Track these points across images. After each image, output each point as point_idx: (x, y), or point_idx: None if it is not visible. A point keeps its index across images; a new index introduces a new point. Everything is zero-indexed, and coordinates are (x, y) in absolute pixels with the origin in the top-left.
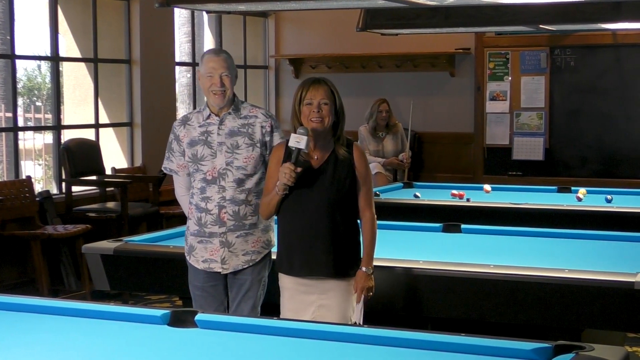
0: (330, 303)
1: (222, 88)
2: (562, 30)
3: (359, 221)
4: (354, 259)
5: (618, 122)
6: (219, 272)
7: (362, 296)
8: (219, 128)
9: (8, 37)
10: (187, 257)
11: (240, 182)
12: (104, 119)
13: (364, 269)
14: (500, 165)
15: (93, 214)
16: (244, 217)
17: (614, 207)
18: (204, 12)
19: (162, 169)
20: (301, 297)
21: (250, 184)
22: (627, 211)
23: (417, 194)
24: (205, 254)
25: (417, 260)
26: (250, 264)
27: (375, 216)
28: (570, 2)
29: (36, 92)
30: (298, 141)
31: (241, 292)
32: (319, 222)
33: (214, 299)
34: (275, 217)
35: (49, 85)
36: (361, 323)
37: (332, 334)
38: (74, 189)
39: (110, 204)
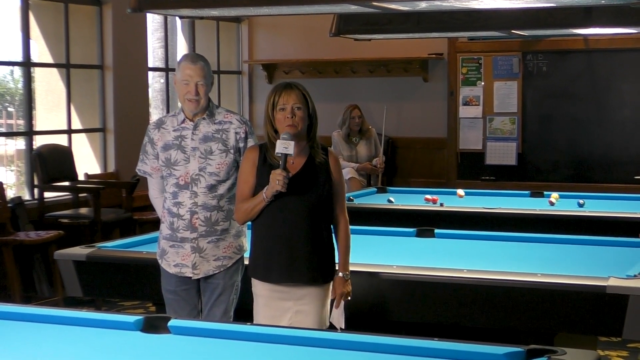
0: (307, 309)
1: (196, 97)
2: (534, 36)
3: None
4: (332, 264)
5: (590, 127)
6: (191, 277)
7: (342, 301)
8: (193, 133)
9: None
10: (159, 261)
11: (212, 188)
12: (76, 124)
13: (341, 274)
14: (473, 170)
15: (66, 220)
16: (215, 222)
17: (586, 212)
18: (177, 18)
19: (137, 170)
20: (277, 303)
21: (222, 189)
22: (599, 215)
23: (391, 198)
24: (176, 259)
25: (390, 265)
26: (222, 269)
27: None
28: (542, 8)
29: (8, 97)
30: (286, 147)
31: (213, 297)
32: (299, 228)
33: (187, 303)
34: (248, 223)
35: (21, 91)
36: (343, 327)
37: (308, 339)
38: (47, 195)
39: (83, 210)
